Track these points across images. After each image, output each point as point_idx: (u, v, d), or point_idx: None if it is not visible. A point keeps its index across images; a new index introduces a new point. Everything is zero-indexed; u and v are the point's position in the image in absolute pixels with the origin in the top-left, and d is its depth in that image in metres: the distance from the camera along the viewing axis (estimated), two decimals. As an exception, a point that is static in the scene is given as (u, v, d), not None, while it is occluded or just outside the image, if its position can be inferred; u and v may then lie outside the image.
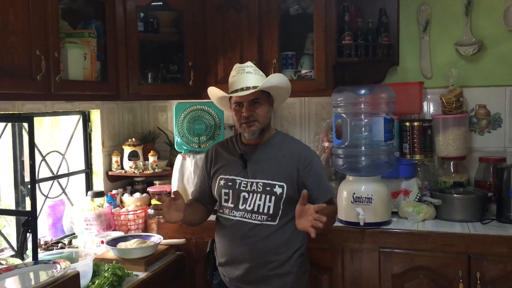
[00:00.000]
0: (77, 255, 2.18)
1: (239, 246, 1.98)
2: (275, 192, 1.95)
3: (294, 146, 2.06)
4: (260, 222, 1.95)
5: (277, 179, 1.96)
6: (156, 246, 2.45)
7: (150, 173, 3.04)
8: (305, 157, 1.99)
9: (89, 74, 2.46)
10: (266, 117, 1.99)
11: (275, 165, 1.99)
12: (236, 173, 2.02)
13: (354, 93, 2.38)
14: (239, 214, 1.99)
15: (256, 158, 2.02)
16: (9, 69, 1.91)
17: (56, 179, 2.90)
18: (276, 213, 1.95)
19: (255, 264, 1.95)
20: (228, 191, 2.02)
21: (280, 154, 2.01)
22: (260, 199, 1.95)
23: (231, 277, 2.02)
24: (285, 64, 2.79)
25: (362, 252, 2.34)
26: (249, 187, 1.98)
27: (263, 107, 1.98)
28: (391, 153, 2.41)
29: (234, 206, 2.00)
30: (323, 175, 2.05)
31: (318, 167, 2.02)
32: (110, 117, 3.15)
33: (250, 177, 2.00)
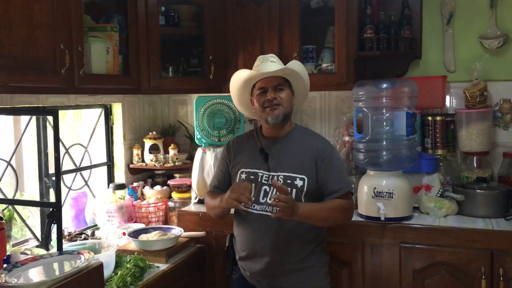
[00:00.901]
0: (100, 246, 2.22)
1: (260, 240, 1.98)
2: (296, 185, 1.95)
3: (314, 139, 2.06)
4: None
5: (298, 172, 1.97)
6: (177, 239, 2.47)
7: (171, 166, 3.07)
8: (324, 150, 2.00)
9: (112, 68, 2.48)
10: (289, 103, 2.01)
11: (296, 158, 1.99)
12: (257, 166, 2.03)
13: (375, 87, 2.35)
14: (260, 207, 1.98)
15: (277, 151, 2.03)
16: (34, 62, 1.94)
17: (79, 172, 2.94)
18: None
19: (276, 258, 1.96)
20: (250, 184, 1.99)
21: (300, 148, 2.01)
22: None
23: (252, 271, 2.02)
24: (305, 58, 2.78)
25: (382, 247, 2.33)
26: (270, 180, 1.98)
27: (287, 93, 2.00)
28: (413, 148, 2.38)
29: (255, 200, 1.99)
30: (342, 169, 2.05)
31: (337, 161, 2.03)
32: (131, 110, 3.19)
33: (271, 170, 2.00)
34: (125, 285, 2.05)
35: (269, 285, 2.00)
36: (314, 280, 1.99)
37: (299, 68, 2.03)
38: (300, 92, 2.10)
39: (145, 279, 2.15)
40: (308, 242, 1.98)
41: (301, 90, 2.10)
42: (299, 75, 2.02)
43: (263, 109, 2.00)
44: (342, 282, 2.40)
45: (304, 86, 2.09)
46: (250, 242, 2.01)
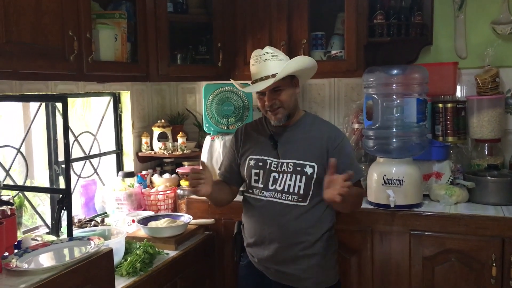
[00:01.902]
0: (110, 233, 2.23)
1: (269, 226, 1.97)
2: (305, 172, 1.94)
3: (324, 127, 2.04)
4: (290, 202, 1.95)
5: (308, 159, 1.95)
6: (186, 226, 2.48)
7: (179, 154, 3.07)
8: (335, 138, 1.98)
9: (120, 55, 2.47)
10: (290, 101, 1.98)
11: (305, 146, 1.98)
12: (266, 154, 2.02)
13: (386, 73, 2.33)
14: (269, 194, 1.98)
15: (286, 138, 2.01)
16: (42, 49, 1.94)
17: (88, 159, 2.95)
18: (306, 194, 1.94)
19: (285, 244, 1.95)
20: (258, 171, 2.02)
21: (310, 135, 2.00)
22: (291, 179, 1.95)
23: (260, 258, 2.02)
24: (314, 45, 2.75)
25: (392, 234, 2.32)
26: (280, 167, 1.98)
27: (286, 92, 1.95)
28: (423, 135, 2.36)
29: (264, 187, 1.99)
30: (353, 156, 2.04)
31: (348, 148, 2.02)
32: (139, 98, 3.19)
33: (280, 158, 1.99)
34: (135, 271, 2.06)
35: (277, 271, 1.99)
36: (322, 267, 1.99)
37: (295, 66, 1.95)
38: (305, 75, 2.06)
39: (154, 265, 2.16)
40: (316, 229, 1.97)
41: (305, 74, 2.05)
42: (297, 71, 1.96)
43: (265, 111, 2.00)
44: (351, 269, 2.40)
45: (309, 70, 2.04)
46: (258, 228, 2.01)
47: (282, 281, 1.99)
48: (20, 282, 1.51)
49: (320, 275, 1.98)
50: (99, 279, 1.75)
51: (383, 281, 2.35)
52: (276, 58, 1.93)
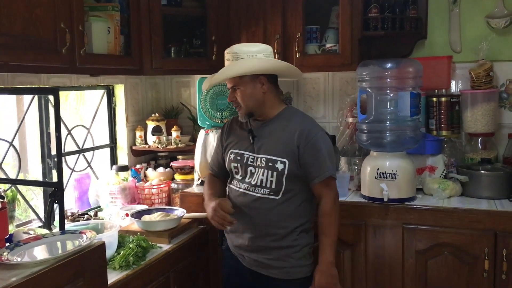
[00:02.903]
0: (103, 227, 2.22)
1: (242, 217, 2.02)
2: (276, 168, 1.96)
3: (299, 122, 2.02)
4: (262, 195, 1.99)
5: (279, 155, 1.97)
6: (180, 219, 2.47)
7: (174, 148, 3.06)
8: (308, 134, 1.96)
9: (113, 48, 2.46)
10: (249, 100, 2.00)
11: (278, 141, 1.99)
12: (244, 148, 2.07)
13: (380, 67, 2.33)
14: (244, 186, 2.04)
15: (263, 133, 2.04)
16: (34, 41, 1.92)
17: (82, 153, 2.94)
18: (278, 189, 1.97)
19: (256, 235, 2.01)
20: (237, 165, 2.07)
21: (284, 130, 2.00)
22: (263, 174, 1.98)
23: (235, 245, 2.10)
24: (309, 38, 2.74)
25: (385, 228, 2.32)
26: (255, 162, 2.02)
27: (243, 91, 1.99)
28: (417, 129, 2.36)
29: (241, 179, 2.06)
30: (325, 154, 1.96)
31: (320, 145, 1.96)
32: (133, 92, 3.17)
33: (256, 152, 2.03)
34: (128, 264, 2.05)
35: (249, 258, 2.05)
36: (293, 259, 2.00)
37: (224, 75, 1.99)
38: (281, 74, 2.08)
39: (147, 259, 2.16)
40: (288, 222, 1.99)
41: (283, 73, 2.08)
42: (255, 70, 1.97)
43: None
44: (344, 263, 2.40)
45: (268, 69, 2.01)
46: (233, 217, 2.02)
47: (254, 268, 2.05)
48: (11, 275, 1.50)
49: (291, 266, 2.00)
50: (92, 272, 1.74)
51: (376, 275, 2.36)
52: (236, 58, 1.98)
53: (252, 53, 1.98)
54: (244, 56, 1.97)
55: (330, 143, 2.04)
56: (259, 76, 1.99)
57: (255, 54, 1.98)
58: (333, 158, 2.02)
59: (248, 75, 1.97)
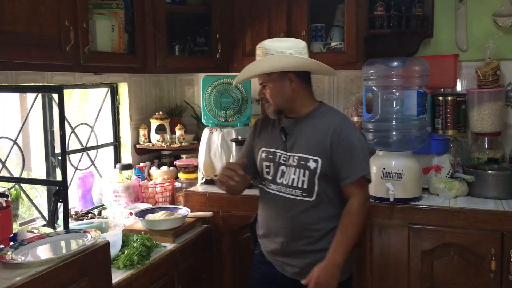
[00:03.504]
0: (107, 225, 2.21)
1: (274, 220, 1.96)
2: (308, 167, 1.88)
3: (332, 119, 1.92)
4: (295, 197, 1.91)
5: (312, 153, 1.89)
6: (184, 218, 2.46)
7: (177, 146, 3.05)
8: (341, 131, 1.86)
9: (117, 46, 2.45)
10: (277, 97, 1.93)
11: (311, 139, 1.91)
12: (276, 146, 1.99)
13: (386, 65, 2.31)
14: (275, 187, 1.96)
15: (296, 131, 1.95)
16: (38, 39, 1.91)
17: (85, 151, 2.93)
18: (311, 189, 1.89)
19: (289, 239, 1.93)
20: (269, 164, 1.99)
21: (317, 128, 1.92)
22: (295, 173, 1.91)
23: (267, 250, 2.02)
24: (314, 37, 2.73)
25: (391, 228, 2.30)
26: (287, 160, 1.94)
27: (272, 89, 1.92)
28: (423, 128, 2.34)
29: (272, 179, 1.98)
30: (358, 153, 1.86)
31: (353, 143, 1.86)
32: (137, 90, 3.16)
33: (288, 151, 1.95)
34: (132, 264, 2.04)
35: (283, 263, 1.98)
36: None
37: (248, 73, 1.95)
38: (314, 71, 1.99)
39: (152, 258, 2.15)
40: (323, 225, 1.91)
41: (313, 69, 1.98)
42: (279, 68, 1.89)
43: None
44: (349, 263, 2.38)
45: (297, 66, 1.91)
46: (265, 220, 2.01)
47: (288, 274, 1.97)
48: (16, 275, 1.49)
49: None
50: (96, 272, 1.73)
51: (382, 275, 2.34)
52: (266, 53, 1.90)
53: (282, 49, 1.89)
54: (273, 53, 1.89)
55: (365, 143, 1.95)
56: (288, 73, 1.90)
57: (284, 50, 1.89)
58: (367, 158, 1.92)
59: (276, 72, 1.90)
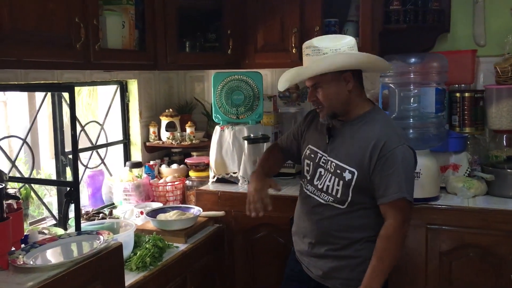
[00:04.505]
0: (118, 226, 2.18)
1: (304, 221, 1.93)
2: (344, 177, 1.77)
3: (380, 129, 1.76)
4: (325, 202, 1.83)
5: (350, 164, 1.77)
6: (196, 218, 2.42)
7: (188, 144, 3.01)
8: (384, 146, 1.70)
9: (128, 43, 2.40)
10: (332, 100, 1.78)
11: (351, 147, 1.78)
12: (319, 146, 1.90)
13: (403, 61, 2.25)
14: (311, 188, 1.90)
15: (340, 134, 1.83)
16: (48, 37, 1.87)
17: (95, 150, 2.89)
18: (344, 199, 1.79)
19: (316, 241, 1.88)
20: (309, 162, 1.92)
21: (361, 136, 1.78)
22: (330, 180, 1.82)
23: (297, 249, 1.99)
24: (327, 32, 2.65)
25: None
26: (326, 164, 1.85)
27: (326, 90, 1.77)
28: (441, 126, 2.29)
29: (309, 179, 1.91)
30: (399, 172, 1.69)
31: (395, 160, 1.69)
32: (147, 87, 3.11)
33: (328, 154, 1.85)
34: (145, 265, 2.01)
35: (308, 264, 1.93)
36: (353, 270, 1.82)
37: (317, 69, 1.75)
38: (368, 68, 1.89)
39: (164, 259, 2.11)
40: (351, 233, 1.81)
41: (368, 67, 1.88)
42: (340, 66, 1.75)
43: None
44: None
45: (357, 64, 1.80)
46: (298, 219, 1.97)
47: (312, 276, 1.92)
48: (28, 280, 1.46)
49: (351, 278, 1.82)
50: (109, 274, 1.70)
51: (398, 277, 2.28)
52: (318, 54, 1.75)
53: (336, 47, 1.75)
54: (327, 51, 1.74)
55: (411, 160, 1.76)
56: (344, 73, 1.76)
57: (338, 48, 1.75)
58: (410, 178, 1.76)
59: (331, 72, 1.75)
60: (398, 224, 1.72)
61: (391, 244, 1.72)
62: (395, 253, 1.74)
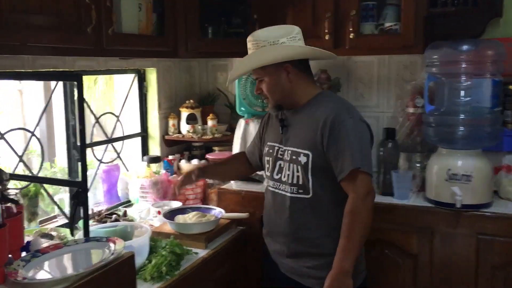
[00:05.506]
0: (133, 229, 1.99)
1: (273, 219, 1.89)
2: (299, 161, 1.76)
3: (327, 107, 1.76)
4: (291, 194, 1.79)
5: (302, 147, 1.77)
6: (217, 221, 2.21)
7: (209, 138, 2.83)
8: (333, 121, 1.70)
9: (145, 27, 2.23)
10: (275, 91, 1.82)
11: (303, 131, 1.80)
12: (275, 140, 1.90)
13: (454, 49, 2.00)
14: (273, 184, 1.88)
15: (292, 122, 1.85)
16: (54, 19, 1.70)
17: (110, 143, 2.72)
18: (306, 185, 1.75)
19: (289, 239, 1.82)
20: (269, 158, 1.91)
21: (310, 118, 1.78)
22: (289, 169, 1.80)
23: (271, 249, 1.95)
24: (364, 17, 2.40)
25: (456, 238, 2.01)
26: (284, 155, 1.84)
27: (268, 82, 1.81)
28: (497, 123, 2.02)
29: (270, 175, 1.90)
30: (351, 144, 1.68)
31: (346, 133, 1.69)
32: (166, 76, 2.92)
33: (284, 144, 1.85)
34: (160, 275, 1.81)
35: (286, 266, 1.87)
36: None
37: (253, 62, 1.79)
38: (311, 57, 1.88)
39: (182, 268, 1.91)
40: (330, 224, 1.75)
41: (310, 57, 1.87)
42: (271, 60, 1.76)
43: None
44: (404, 275, 2.12)
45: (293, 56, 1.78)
46: (267, 220, 1.94)
47: (292, 276, 1.85)
48: (26, 297, 1.27)
49: None
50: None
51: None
52: (257, 45, 1.78)
53: (273, 39, 1.77)
54: (264, 44, 1.77)
55: (364, 132, 1.75)
56: (284, 64, 1.78)
57: (276, 39, 1.77)
58: (365, 149, 1.72)
59: (270, 65, 1.77)
60: (360, 197, 1.67)
61: (356, 219, 1.66)
62: (362, 229, 1.68)
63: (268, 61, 1.76)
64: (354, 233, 1.65)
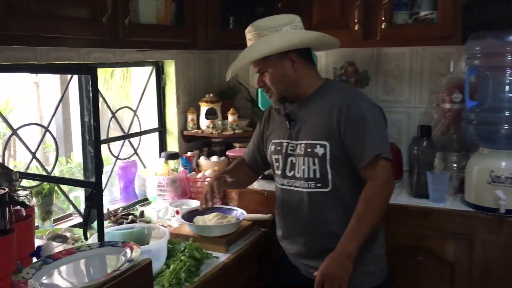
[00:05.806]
0: (150, 231, 1.88)
1: (291, 218, 1.82)
2: (316, 153, 1.71)
3: (339, 95, 1.73)
4: (308, 190, 1.74)
5: (318, 138, 1.72)
6: (239, 223, 2.09)
7: (230, 134, 2.73)
8: (348, 107, 1.66)
9: (163, 17, 2.14)
10: (279, 83, 1.76)
11: (316, 122, 1.74)
12: (282, 136, 1.84)
13: (500, 39, 1.85)
14: (286, 182, 1.81)
15: (300, 116, 1.79)
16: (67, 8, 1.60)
17: (127, 139, 2.63)
18: (325, 177, 1.71)
19: (310, 237, 1.77)
20: (278, 157, 1.84)
21: (321, 108, 1.73)
22: (304, 163, 1.74)
23: (290, 253, 1.88)
24: (397, 5, 2.27)
25: (498, 245, 1.87)
26: (295, 150, 1.78)
27: (273, 74, 1.75)
28: (546, 121, 1.85)
29: (281, 173, 1.83)
30: (370, 129, 1.64)
31: (364, 119, 1.65)
32: (185, 69, 2.82)
33: (294, 139, 1.79)
34: (179, 282, 1.69)
35: (307, 267, 1.80)
36: (358, 264, 1.63)
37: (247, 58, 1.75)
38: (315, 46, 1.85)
39: (202, 274, 1.79)
40: (345, 217, 1.67)
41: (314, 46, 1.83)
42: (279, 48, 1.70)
43: None
44: (440, 285, 1.98)
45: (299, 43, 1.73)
46: (282, 221, 1.87)
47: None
48: (34, 309, 1.17)
49: (356, 273, 1.63)
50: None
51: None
52: (259, 34, 1.73)
53: (276, 27, 1.72)
54: (266, 33, 1.72)
55: (380, 117, 1.71)
56: (288, 53, 1.73)
57: (279, 28, 1.72)
58: (383, 134, 1.70)
59: (275, 54, 1.72)
60: (378, 185, 1.64)
61: (371, 204, 1.63)
62: (375, 215, 1.64)
63: (275, 48, 1.70)
64: (366, 219, 1.62)
